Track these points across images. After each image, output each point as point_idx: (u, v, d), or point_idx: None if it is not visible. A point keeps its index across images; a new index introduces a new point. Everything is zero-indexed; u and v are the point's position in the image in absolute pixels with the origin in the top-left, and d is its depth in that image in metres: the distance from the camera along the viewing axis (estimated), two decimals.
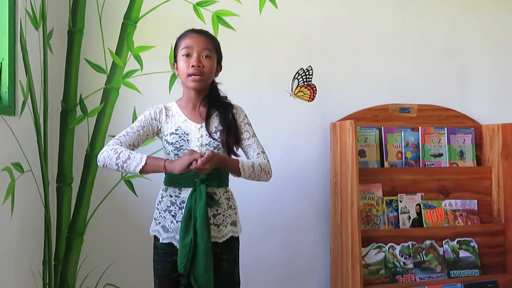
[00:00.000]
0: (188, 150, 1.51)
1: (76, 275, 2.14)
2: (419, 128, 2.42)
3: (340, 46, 2.42)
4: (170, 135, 1.61)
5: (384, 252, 2.22)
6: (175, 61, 1.65)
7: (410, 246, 2.26)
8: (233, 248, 1.65)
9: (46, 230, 2.01)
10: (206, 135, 1.60)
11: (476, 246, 2.35)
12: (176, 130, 1.61)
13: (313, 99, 2.39)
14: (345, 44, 2.42)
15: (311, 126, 2.37)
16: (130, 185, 2.19)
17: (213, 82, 1.69)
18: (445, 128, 2.45)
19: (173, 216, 1.58)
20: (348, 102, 2.40)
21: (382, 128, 2.38)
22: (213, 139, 1.60)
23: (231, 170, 1.59)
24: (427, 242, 2.29)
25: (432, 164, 2.42)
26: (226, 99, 1.70)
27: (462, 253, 2.33)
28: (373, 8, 2.46)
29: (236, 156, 1.63)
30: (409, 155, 2.40)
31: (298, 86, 2.37)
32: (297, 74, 2.37)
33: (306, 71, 2.38)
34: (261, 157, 1.65)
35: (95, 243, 2.16)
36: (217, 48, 1.67)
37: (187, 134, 1.60)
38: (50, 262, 2.07)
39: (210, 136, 1.60)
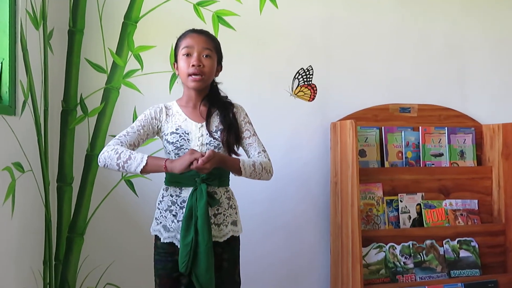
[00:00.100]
0: (189, 150, 1.51)
1: (77, 275, 2.14)
2: (420, 128, 2.42)
3: (341, 46, 2.42)
4: (171, 135, 1.61)
5: (385, 252, 2.22)
6: (176, 61, 1.65)
7: (411, 246, 2.26)
8: (234, 248, 1.65)
9: (47, 230, 2.01)
10: (207, 134, 1.60)
11: (477, 246, 2.35)
12: (177, 130, 1.61)
13: (314, 99, 2.39)
14: (346, 44, 2.43)
15: (312, 126, 2.37)
16: (131, 185, 2.19)
17: (214, 82, 1.69)
18: (446, 128, 2.45)
19: (174, 216, 1.58)
20: (349, 102, 2.40)
21: (383, 128, 2.38)
22: (214, 138, 1.60)
23: (232, 169, 1.59)
24: (428, 242, 2.29)
25: (433, 164, 2.42)
26: (227, 99, 1.70)
27: (463, 253, 2.33)
28: (374, 8, 2.46)
29: (237, 155, 1.63)
30: (410, 155, 2.40)
31: (299, 86, 2.37)
32: (298, 74, 2.37)
33: (307, 71, 2.38)
34: (262, 156, 1.65)
35: (96, 243, 2.16)
36: (218, 48, 1.67)
37: (188, 134, 1.60)
38: (51, 262, 2.07)
39: (211, 136, 1.60)
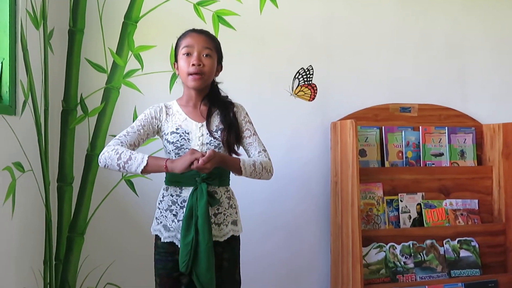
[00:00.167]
0: (189, 150, 1.51)
1: (77, 275, 2.15)
2: (420, 128, 2.42)
3: (341, 46, 2.42)
4: (171, 134, 1.60)
5: (385, 252, 2.22)
6: (176, 61, 1.65)
7: (411, 246, 2.26)
8: (234, 247, 1.65)
9: (47, 230, 2.02)
10: (207, 134, 1.60)
11: (477, 246, 2.35)
12: (177, 129, 1.60)
13: (314, 99, 2.39)
14: (346, 44, 2.42)
15: (312, 126, 2.37)
16: (131, 185, 2.19)
17: (214, 82, 1.69)
18: (446, 128, 2.45)
19: (175, 215, 1.58)
20: (349, 102, 2.40)
21: (383, 128, 2.38)
22: (214, 138, 1.60)
23: (232, 169, 1.59)
24: (428, 242, 2.29)
25: (433, 164, 2.42)
26: (227, 99, 1.70)
27: (463, 253, 2.33)
28: (374, 8, 2.46)
29: (237, 155, 1.63)
30: (410, 155, 2.40)
31: (299, 86, 2.37)
32: (298, 74, 2.37)
33: (307, 71, 2.38)
34: (262, 155, 1.64)
35: (96, 243, 2.16)
36: (218, 48, 1.67)
37: (188, 133, 1.60)
38: (51, 262, 2.07)
39: (211, 135, 1.59)
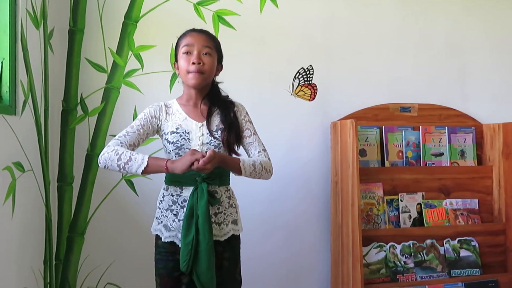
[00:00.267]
0: (190, 150, 1.50)
1: (77, 275, 2.15)
2: (420, 128, 2.42)
3: (341, 45, 2.42)
4: (171, 134, 1.60)
5: (385, 252, 2.22)
6: (176, 61, 1.65)
7: (411, 246, 2.26)
8: (234, 247, 1.65)
9: (47, 230, 2.02)
10: (207, 134, 1.59)
11: (477, 246, 2.35)
12: (177, 129, 1.60)
13: (314, 98, 2.39)
14: (346, 43, 2.42)
15: (312, 126, 2.37)
16: (131, 185, 2.19)
17: (214, 81, 1.69)
18: (446, 127, 2.45)
19: (175, 215, 1.58)
20: (349, 101, 2.40)
21: (383, 127, 2.38)
22: (214, 138, 1.59)
23: (232, 169, 1.59)
24: (428, 242, 2.29)
25: (433, 164, 2.42)
26: (227, 98, 1.69)
27: (463, 253, 2.33)
28: (374, 8, 2.46)
29: (237, 155, 1.63)
30: (410, 155, 2.40)
31: (299, 85, 2.37)
32: (298, 73, 2.37)
33: (307, 70, 2.38)
34: (262, 155, 1.64)
35: (96, 243, 2.16)
36: (218, 47, 1.66)
37: (188, 133, 1.60)
38: (51, 262, 2.07)
39: (211, 135, 1.59)
